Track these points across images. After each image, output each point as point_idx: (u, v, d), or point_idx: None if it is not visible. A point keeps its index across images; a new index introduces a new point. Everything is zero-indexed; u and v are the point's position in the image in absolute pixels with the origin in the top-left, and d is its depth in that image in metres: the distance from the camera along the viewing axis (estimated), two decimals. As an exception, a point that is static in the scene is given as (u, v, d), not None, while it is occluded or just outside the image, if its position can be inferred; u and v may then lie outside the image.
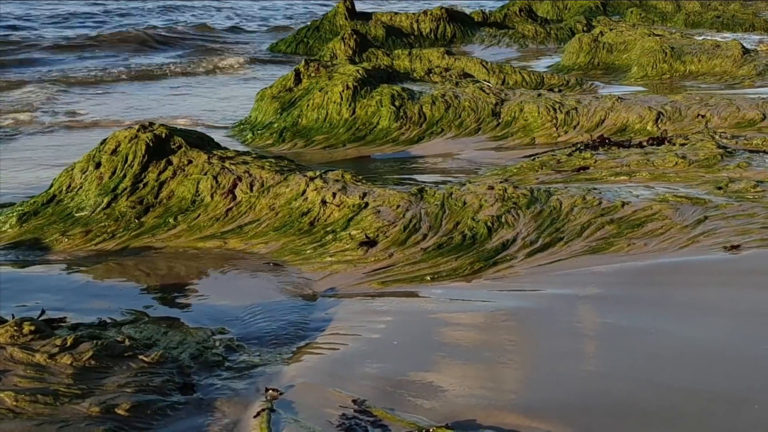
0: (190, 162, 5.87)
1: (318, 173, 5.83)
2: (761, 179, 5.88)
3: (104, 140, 5.99)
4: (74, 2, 26.33)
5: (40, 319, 3.67)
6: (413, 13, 19.28)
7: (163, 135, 5.96)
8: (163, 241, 5.43)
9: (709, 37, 16.60)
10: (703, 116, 8.79)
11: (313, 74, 9.65)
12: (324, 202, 5.52)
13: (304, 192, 5.63)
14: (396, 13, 19.25)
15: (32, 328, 3.46)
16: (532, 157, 7.40)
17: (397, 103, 9.03)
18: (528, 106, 9.10)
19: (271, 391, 3.32)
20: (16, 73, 13.81)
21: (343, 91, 9.12)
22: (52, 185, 5.93)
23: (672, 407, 3.12)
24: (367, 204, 5.46)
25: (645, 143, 7.45)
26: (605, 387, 3.30)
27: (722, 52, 13.88)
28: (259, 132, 9.14)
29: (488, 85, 10.00)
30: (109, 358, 3.42)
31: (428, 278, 4.69)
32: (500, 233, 5.14)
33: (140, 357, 3.48)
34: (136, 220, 5.55)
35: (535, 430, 3.01)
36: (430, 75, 10.94)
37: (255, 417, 3.13)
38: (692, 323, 3.86)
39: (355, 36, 15.09)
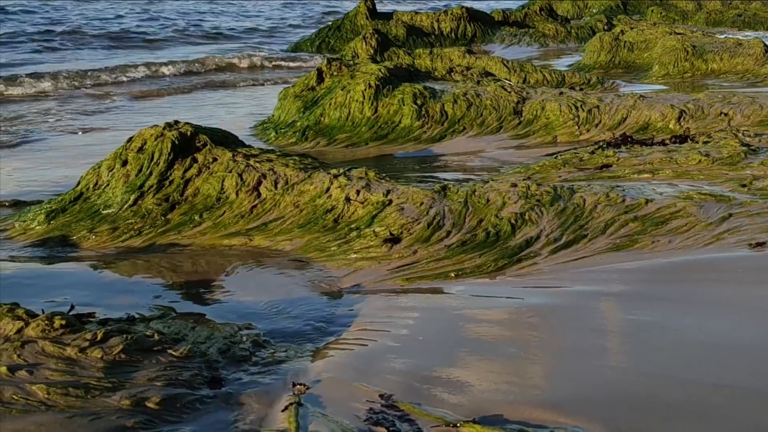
0: (215, 160, 5.91)
1: (342, 171, 5.86)
2: (785, 177, 5.86)
3: (130, 138, 6.04)
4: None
5: (70, 313, 3.72)
6: (434, 13, 19.31)
7: (188, 133, 6.01)
8: (188, 238, 5.47)
9: (730, 36, 16.51)
10: (725, 114, 8.76)
11: (335, 73, 9.69)
12: (348, 200, 5.55)
13: (328, 189, 5.67)
14: (417, 13, 19.29)
15: (63, 322, 3.51)
16: (555, 155, 7.40)
17: (419, 102, 9.05)
18: (549, 105, 9.10)
19: (298, 386, 3.35)
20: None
21: (365, 89, 9.15)
22: (79, 183, 6.00)
23: (696, 403, 3.13)
24: (390, 201, 5.48)
25: (668, 141, 7.43)
26: (630, 383, 3.32)
27: (744, 50, 13.82)
28: (282, 131, 9.18)
29: (510, 84, 10.00)
30: (138, 352, 3.46)
31: (452, 275, 4.71)
32: (524, 230, 5.15)
33: (169, 351, 3.52)
34: (162, 218, 5.61)
35: (560, 425, 3.02)
36: (452, 74, 10.95)
37: (283, 411, 3.16)
38: (717, 320, 3.87)
39: (376, 35, 15.13)
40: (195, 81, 14.07)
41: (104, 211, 5.69)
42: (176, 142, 5.92)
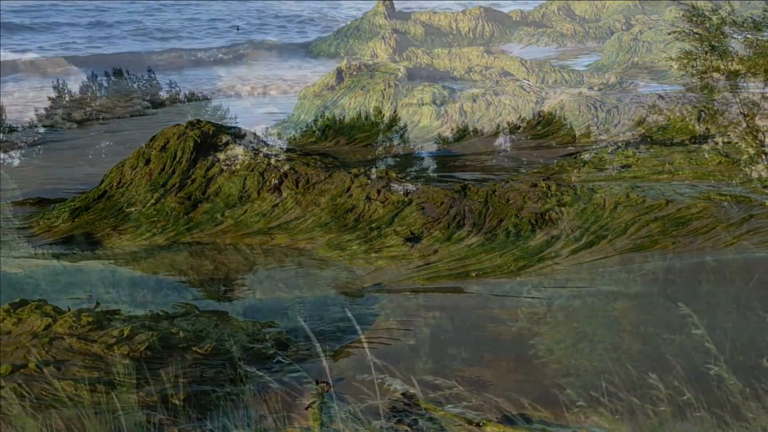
0: (236, 158, 5.95)
1: (362, 170, 5.88)
2: (806, 178, 5.85)
3: (153, 137, 6.09)
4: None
5: (96, 310, 3.76)
6: (452, 12, 19.30)
7: (210, 132, 6.05)
8: (210, 236, 5.51)
9: (749, 36, 16.42)
10: (745, 115, 8.73)
11: (354, 73, 9.72)
12: (369, 199, 5.58)
13: (348, 189, 5.70)
14: (434, 12, 19.28)
15: (90, 319, 3.55)
16: (574, 155, 7.40)
17: (437, 102, 9.07)
18: (569, 105, 9.09)
19: (321, 384, 3.38)
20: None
21: (384, 89, 9.18)
22: (102, 181, 6.04)
23: (718, 400, 3.14)
24: (410, 201, 5.50)
25: (687, 141, 7.42)
26: (651, 382, 3.33)
27: (764, 50, 13.76)
28: (302, 130, 9.22)
29: (528, 84, 10.01)
30: (163, 349, 3.50)
31: (473, 274, 4.73)
32: (544, 230, 5.16)
33: (193, 349, 3.56)
34: (185, 216, 5.64)
35: (582, 423, 3.04)
36: (470, 73, 10.97)
37: (306, 409, 3.19)
38: (737, 319, 3.87)
39: (395, 35, 15.15)
40: (216, 82, 14.11)
41: (128, 210, 5.74)
42: (198, 141, 5.96)
